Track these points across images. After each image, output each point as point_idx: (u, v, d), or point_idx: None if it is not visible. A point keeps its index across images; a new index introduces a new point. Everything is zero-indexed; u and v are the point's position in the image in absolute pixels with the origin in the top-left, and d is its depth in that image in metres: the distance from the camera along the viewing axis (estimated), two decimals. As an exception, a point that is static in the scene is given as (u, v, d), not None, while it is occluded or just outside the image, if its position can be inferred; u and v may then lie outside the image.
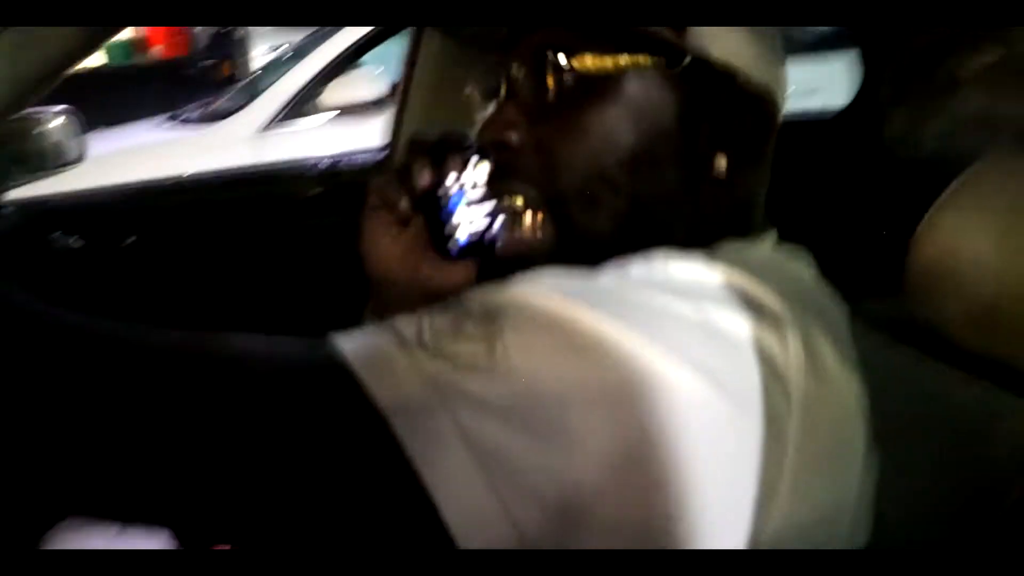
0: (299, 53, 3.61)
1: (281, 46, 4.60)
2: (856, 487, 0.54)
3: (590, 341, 0.45)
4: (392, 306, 0.67)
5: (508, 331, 0.45)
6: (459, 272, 0.66)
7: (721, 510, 0.46)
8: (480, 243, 0.64)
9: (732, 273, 0.53)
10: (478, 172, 0.64)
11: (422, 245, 0.67)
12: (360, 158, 1.92)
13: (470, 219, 0.63)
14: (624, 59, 0.60)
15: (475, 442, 0.42)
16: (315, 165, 1.92)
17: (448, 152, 0.64)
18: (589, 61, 0.60)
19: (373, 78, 3.42)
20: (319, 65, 3.39)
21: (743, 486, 0.46)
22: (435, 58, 1.68)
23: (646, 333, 0.46)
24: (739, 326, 0.49)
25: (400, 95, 1.77)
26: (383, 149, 1.85)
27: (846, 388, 0.54)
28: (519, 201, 0.62)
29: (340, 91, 3.42)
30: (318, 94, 3.41)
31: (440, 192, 0.64)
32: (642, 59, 0.60)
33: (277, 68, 3.73)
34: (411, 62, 1.72)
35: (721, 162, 0.61)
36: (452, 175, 0.63)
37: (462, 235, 0.63)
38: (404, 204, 0.65)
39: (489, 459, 0.42)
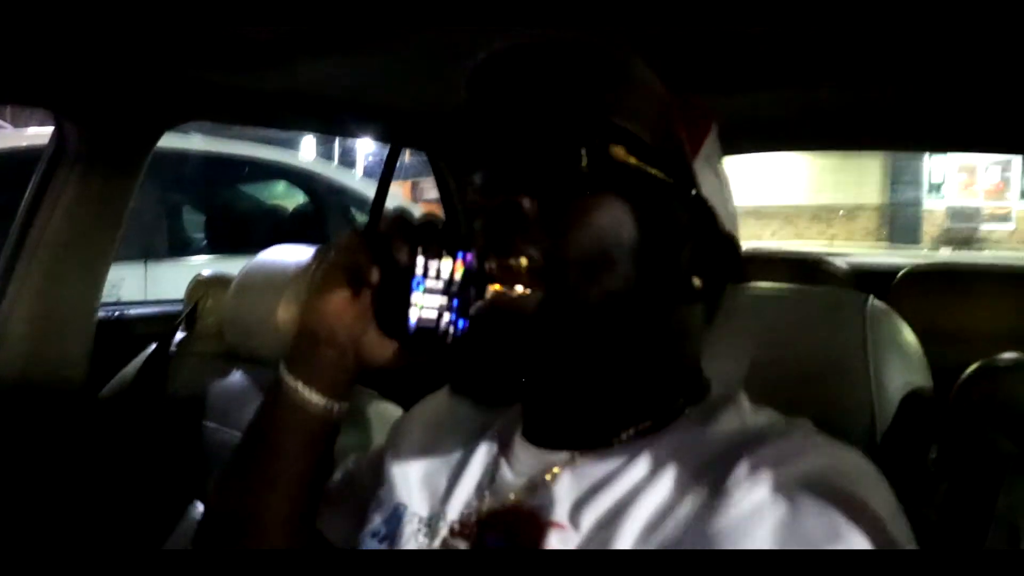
0: None
1: None
2: None
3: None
4: (321, 366, 0.69)
5: None
6: (395, 352, 0.68)
7: None
8: (427, 331, 0.65)
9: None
10: (443, 265, 0.65)
11: (370, 316, 0.68)
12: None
13: (423, 305, 0.65)
14: (652, 169, 0.65)
15: None
16: None
17: (428, 237, 0.65)
18: (627, 157, 0.64)
19: None
20: None
21: None
22: (78, 195, 1.49)
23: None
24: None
25: (15, 244, 1.52)
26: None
27: None
28: (522, 261, 0.63)
29: None
30: None
31: (406, 272, 0.64)
32: (658, 172, 0.66)
33: None
34: (36, 203, 1.50)
35: (697, 281, 0.68)
36: (420, 260, 0.64)
37: (412, 317, 0.64)
38: (374, 272, 0.65)
39: None
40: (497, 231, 0.64)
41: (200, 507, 1.32)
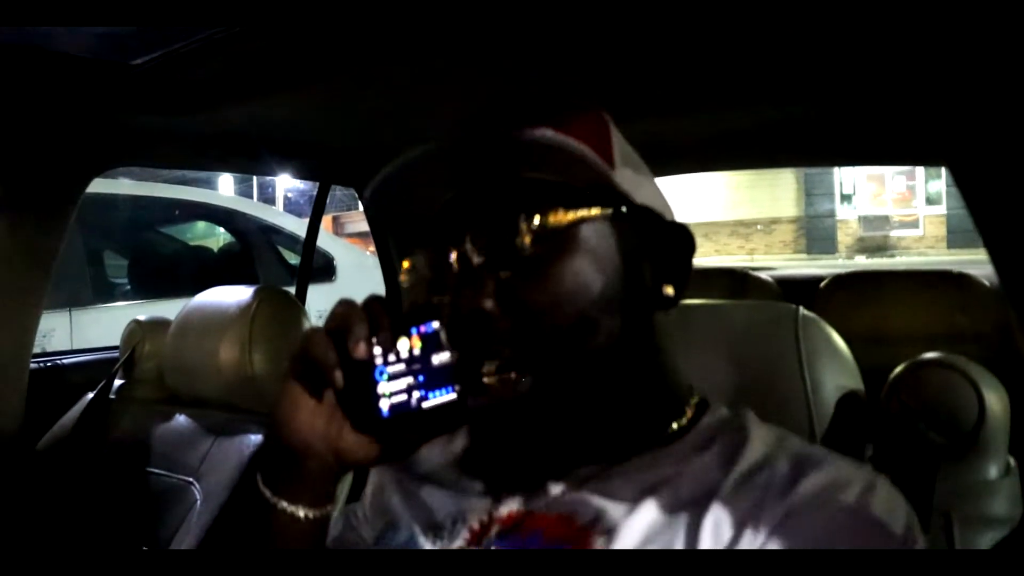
0: None
1: None
2: None
3: None
4: (304, 480, 0.66)
5: None
6: (374, 444, 0.66)
7: None
8: (400, 414, 0.63)
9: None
10: (400, 345, 0.63)
11: (340, 416, 0.65)
12: None
13: (391, 391, 0.62)
14: (581, 212, 0.67)
15: None
16: None
17: (379, 323, 0.63)
18: (556, 217, 0.66)
19: None
20: None
21: None
22: (7, 244, 1.47)
23: None
24: None
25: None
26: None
27: None
28: (493, 367, 0.64)
29: None
30: None
31: (367, 366, 0.62)
32: (593, 210, 0.67)
33: None
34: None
35: (668, 289, 0.71)
36: (378, 350, 0.62)
37: (384, 407, 0.62)
38: (338, 376, 0.61)
39: None
40: (472, 339, 0.65)
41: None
